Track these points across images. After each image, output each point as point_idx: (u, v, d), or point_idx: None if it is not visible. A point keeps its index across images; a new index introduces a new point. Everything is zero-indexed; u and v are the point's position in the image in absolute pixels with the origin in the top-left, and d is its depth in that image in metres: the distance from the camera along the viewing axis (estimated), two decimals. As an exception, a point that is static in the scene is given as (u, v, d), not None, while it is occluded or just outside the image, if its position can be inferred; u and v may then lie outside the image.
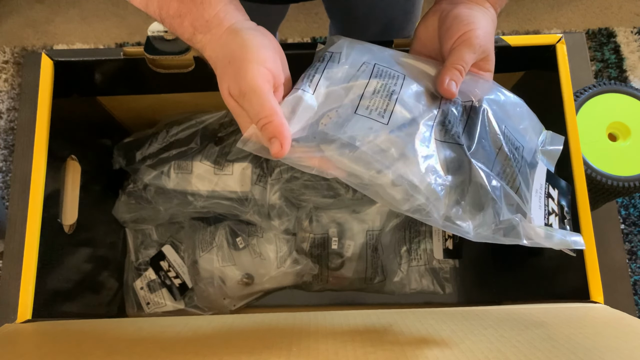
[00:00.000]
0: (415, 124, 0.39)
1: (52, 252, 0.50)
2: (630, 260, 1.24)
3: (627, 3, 1.52)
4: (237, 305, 0.63)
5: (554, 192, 0.43)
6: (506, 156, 0.40)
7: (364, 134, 0.37)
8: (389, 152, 0.37)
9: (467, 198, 0.38)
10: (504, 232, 0.38)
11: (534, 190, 0.42)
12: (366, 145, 0.37)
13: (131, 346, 0.34)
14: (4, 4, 1.56)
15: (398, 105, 0.39)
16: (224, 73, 0.37)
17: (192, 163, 0.62)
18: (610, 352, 0.31)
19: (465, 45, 0.41)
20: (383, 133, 0.38)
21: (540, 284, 0.55)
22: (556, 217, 0.42)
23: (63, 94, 0.52)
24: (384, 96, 0.39)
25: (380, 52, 0.43)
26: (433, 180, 0.37)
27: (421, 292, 0.65)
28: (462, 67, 0.40)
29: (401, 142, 0.38)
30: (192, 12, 0.37)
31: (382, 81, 0.40)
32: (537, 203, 0.41)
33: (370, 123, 0.38)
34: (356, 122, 0.38)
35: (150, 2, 0.38)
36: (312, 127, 0.38)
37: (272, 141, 0.34)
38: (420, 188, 0.37)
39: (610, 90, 0.71)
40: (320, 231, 0.62)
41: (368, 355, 0.31)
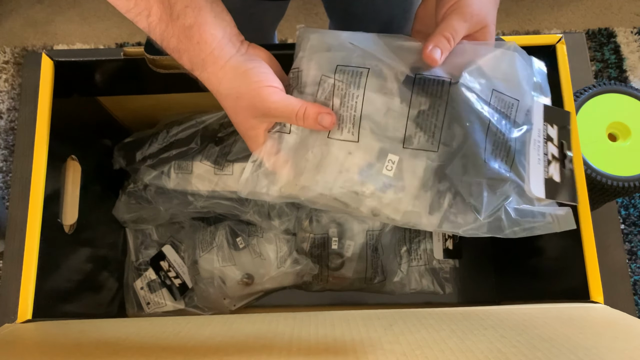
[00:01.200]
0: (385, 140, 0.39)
1: (52, 252, 0.50)
2: (630, 260, 1.24)
3: (627, 3, 1.52)
4: (237, 305, 0.63)
5: (553, 131, 0.40)
6: (496, 129, 0.38)
7: (334, 178, 0.39)
8: (362, 194, 0.39)
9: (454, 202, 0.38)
10: (487, 228, 0.38)
11: (532, 143, 0.40)
12: (339, 190, 0.39)
13: (131, 346, 0.34)
14: (4, 4, 1.56)
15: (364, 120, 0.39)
16: (237, 107, 0.40)
17: (192, 163, 0.62)
18: (610, 352, 0.31)
19: (455, 12, 0.39)
20: (352, 170, 0.39)
21: (540, 284, 0.55)
22: (557, 164, 0.40)
23: (63, 94, 0.52)
24: (350, 107, 0.40)
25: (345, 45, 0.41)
26: (410, 207, 0.38)
27: (421, 292, 0.65)
28: (450, 35, 0.39)
29: (373, 176, 0.39)
30: (189, 50, 0.39)
31: (344, 89, 0.39)
32: (536, 157, 0.40)
33: (341, 150, 0.39)
34: (329, 156, 0.40)
35: (152, 32, 0.39)
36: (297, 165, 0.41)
37: (320, 118, 0.39)
38: (397, 220, 0.39)
39: (610, 91, 0.71)
40: (320, 231, 0.62)
41: (368, 356, 0.31)
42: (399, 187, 0.39)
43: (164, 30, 0.39)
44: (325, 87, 0.40)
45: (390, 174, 0.39)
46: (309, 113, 0.39)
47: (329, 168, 0.40)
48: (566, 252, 0.48)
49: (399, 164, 0.39)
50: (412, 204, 0.39)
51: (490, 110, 0.38)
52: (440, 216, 0.39)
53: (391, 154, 0.39)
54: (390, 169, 0.39)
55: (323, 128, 0.39)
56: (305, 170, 0.40)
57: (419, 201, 0.39)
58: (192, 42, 0.39)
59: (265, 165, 0.42)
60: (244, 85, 0.39)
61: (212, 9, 0.40)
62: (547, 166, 0.40)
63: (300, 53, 0.43)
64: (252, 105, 0.39)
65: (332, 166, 0.40)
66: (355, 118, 0.39)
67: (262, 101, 0.39)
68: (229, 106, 0.41)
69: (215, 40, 0.39)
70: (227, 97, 0.40)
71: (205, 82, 0.41)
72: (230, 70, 0.40)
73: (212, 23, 0.39)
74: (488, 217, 0.38)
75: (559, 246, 0.51)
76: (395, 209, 0.39)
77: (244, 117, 0.41)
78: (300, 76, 0.42)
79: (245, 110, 0.40)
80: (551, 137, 0.40)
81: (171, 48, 0.40)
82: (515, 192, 0.38)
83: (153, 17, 0.38)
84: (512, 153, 0.39)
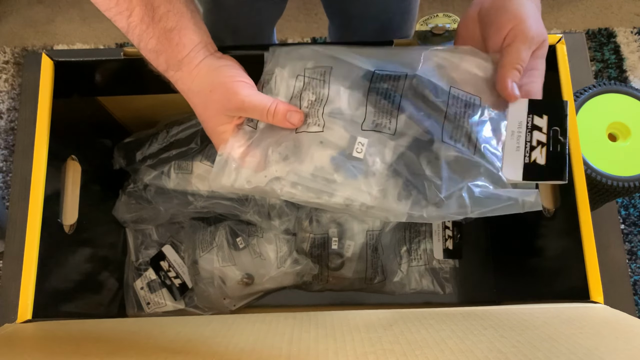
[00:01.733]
0: (348, 122, 0.41)
1: (53, 252, 0.50)
2: (630, 260, 1.24)
3: (627, 3, 1.52)
4: (237, 305, 0.63)
5: (542, 120, 0.41)
6: (453, 118, 0.41)
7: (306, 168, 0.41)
8: (334, 181, 0.41)
9: (414, 189, 0.40)
10: (452, 209, 0.40)
11: (509, 133, 0.41)
12: (311, 180, 0.41)
13: (131, 346, 0.34)
14: (4, 4, 1.56)
15: (330, 111, 0.41)
16: (209, 101, 0.42)
17: (192, 163, 0.62)
18: (610, 352, 0.31)
19: (519, 40, 0.39)
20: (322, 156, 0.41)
21: (540, 284, 0.55)
22: (543, 149, 0.41)
23: (63, 94, 0.52)
24: (317, 104, 0.42)
25: (309, 53, 0.45)
26: (385, 196, 0.40)
27: (421, 292, 0.65)
28: (520, 66, 0.40)
29: (344, 162, 0.40)
30: (167, 51, 0.41)
31: (311, 88, 0.42)
32: (514, 145, 0.41)
33: (310, 139, 0.41)
34: (301, 147, 0.41)
35: (130, 32, 0.41)
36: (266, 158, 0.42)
37: (288, 116, 0.40)
38: (370, 206, 0.40)
39: (610, 91, 0.71)
40: (320, 231, 0.62)
41: (368, 355, 0.31)
42: (369, 172, 0.41)
43: (144, 31, 0.40)
44: (296, 86, 0.43)
45: (361, 156, 0.41)
46: (279, 110, 0.40)
47: (300, 157, 0.41)
48: (566, 252, 0.48)
49: (368, 147, 0.41)
50: (382, 190, 0.41)
51: (447, 102, 0.41)
52: (409, 203, 0.41)
53: (360, 137, 0.41)
54: (360, 151, 0.41)
55: (291, 125, 0.41)
56: (275, 162, 0.42)
57: (389, 186, 0.41)
58: (171, 44, 0.41)
59: (234, 157, 0.42)
60: (217, 80, 0.41)
61: (192, 16, 0.42)
62: (530, 152, 0.41)
63: (273, 61, 0.45)
64: (225, 98, 0.41)
65: (303, 156, 0.41)
66: (322, 112, 0.42)
67: (235, 94, 0.40)
68: (199, 102, 0.42)
69: (193, 43, 0.41)
70: (199, 92, 0.42)
71: (178, 81, 0.43)
72: (204, 67, 0.42)
73: (191, 29, 0.41)
74: (449, 197, 0.39)
75: (559, 246, 0.51)
76: (367, 195, 0.41)
77: (214, 111, 0.42)
78: (274, 79, 0.44)
79: (217, 103, 0.41)
80: (538, 127, 0.41)
81: (149, 49, 0.41)
82: (486, 177, 0.40)
83: (134, 18, 0.40)
84: (474, 140, 0.41)
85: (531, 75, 0.42)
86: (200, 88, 0.42)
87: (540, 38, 0.41)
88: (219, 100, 0.41)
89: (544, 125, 0.41)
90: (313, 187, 0.41)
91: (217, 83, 0.41)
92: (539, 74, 0.42)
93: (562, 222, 0.50)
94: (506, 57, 0.40)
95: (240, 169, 0.42)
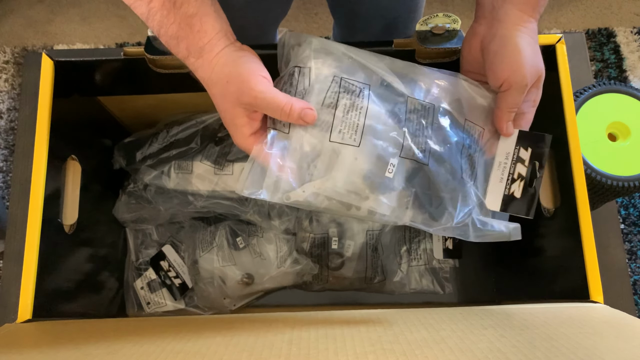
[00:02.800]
0: (385, 144, 0.42)
1: (53, 252, 0.50)
2: (630, 260, 1.24)
3: (627, 3, 1.52)
4: (237, 305, 0.63)
5: (526, 153, 0.46)
6: (468, 152, 0.45)
7: (342, 183, 0.42)
8: (366, 197, 0.42)
9: (429, 206, 0.43)
10: (456, 232, 0.43)
11: (497, 164, 0.46)
12: (344, 194, 0.42)
13: (131, 346, 0.34)
14: (4, 4, 1.56)
15: (366, 128, 0.42)
16: (226, 92, 0.41)
17: (192, 163, 0.62)
18: (610, 352, 0.31)
19: (515, 89, 0.42)
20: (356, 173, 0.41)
21: (540, 284, 0.55)
22: (521, 182, 0.45)
23: (63, 94, 0.52)
24: (354, 116, 0.42)
25: (345, 57, 0.44)
26: (400, 206, 0.43)
27: (421, 292, 0.65)
28: (515, 108, 0.44)
29: (376, 179, 0.42)
30: (188, 38, 0.41)
31: (350, 98, 0.42)
32: (499, 176, 0.46)
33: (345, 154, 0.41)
34: (338, 161, 0.41)
35: (150, 18, 0.41)
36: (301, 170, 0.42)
37: (302, 114, 0.40)
38: (389, 216, 0.43)
39: (610, 90, 0.71)
40: (320, 231, 0.62)
41: (368, 355, 0.31)
42: (392, 187, 0.42)
43: (165, 17, 0.40)
44: (334, 90, 0.42)
45: (391, 176, 0.42)
46: (294, 109, 0.40)
47: (336, 173, 0.41)
48: (566, 252, 0.48)
49: (399, 167, 0.42)
50: (397, 201, 0.43)
51: (464, 135, 0.45)
52: (419, 217, 0.44)
53: (392, 158, 0.42)
54: (391, 172, 0.42)
55: (305, 124, 0.41)
56: (312, 177, 0.42)
57: (404, 198, 0.43)
58: (192, 30, 0.40)
59: (272, 169, 0.41)
60: (234, 71, 0.41)
61: (213, 3, 0.42)
62: (510, 184, 0.45)
63: (307, 52, 0.44)
64: (240, 90, 0.40)
65: (339, 171, 0.41)
66: (359, 126, 0.42)
67: (249, 88, 0.40)
68: (217, 92, 0.42)
69: (214, 30, 0.41)
70: (217, 82, 0.42)
71: (199, 69, 0.42)
72: (223, 56, 0.41)
73: (212, 15, 0.41)
74: (458, 223, 0.43)
75: (559, 246, 0.51)
76: (387, 207, 0.43)
77: (231, 103, 0.41)
78: (309, 74, 0.43)
79: (232, 95, 0.41)
80: (522, 159, 0.46)
81: (169, 35, 0.41)
82: (477, 205, 0.44)
83: (155, 3, 0.40)
84: (475, 172, 0.45)
85: (527, 107, 0.45)
86: (218, 78, 0.41)
87: (535, 77, 0.43)
88: (234, 92, 0.41)
89: (527, 158, 0.45)
90: (346, 201, 0.42)
91: (234, 74, 0.41)
92: (534, 104, 0.45)
93: (562, 222, 0.50)
94: (503, 101, 0.43)
95: (279, 183, 0.41)
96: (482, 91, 0.46)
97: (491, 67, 0.43)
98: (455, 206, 0.43)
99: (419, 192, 0.43)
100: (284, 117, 0.40)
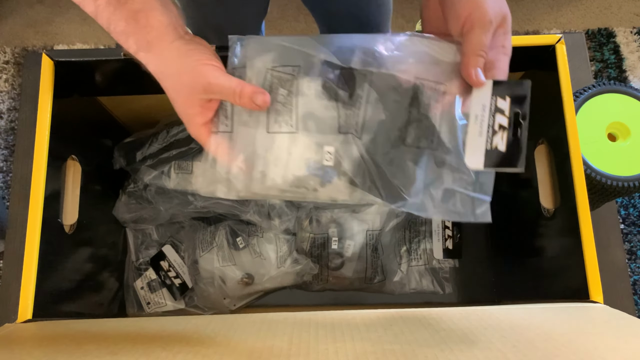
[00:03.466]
0: (319, 133, 0.41)
1: (53, 252, 0.50)
2: (630, 260, 1.24)
3: (626, 3, 1.52)
4: (237, 305, 0.63)
5: (505, 102, 0.41)
6: (418, 116, 0.41)
7: (288, 179, 0.41)
8: (314, 189, 0.41)
9: (379, 182, 0.41)
10: (414, 207, 0.40)
11: (473, 118, 0.41)
12: (295, 190, 0.42)
13: (131, 346, 0.34)
14: (4, 4, 1.56)
15: (301, 114, 0.42)
16: (179, 84, 0.42)
17: (192, 163, 0.62)
18: (610, 352, 0.31)
19: (478, 27, 0.39)
20: (299, 166, 0.41)
21: (540, 284, 0.55)
22: (504, 133, 0.40)
23: (63, 94, 0.52)
24: (289, 103, 0.42)
25: (280, 47, 0.44)
26: (351, 189, 0.41)
27: (421, 292, 0.65)
28: (482, 52, 0.40)
29: (315, 170, 0.41)
30: (136, 33, 0.41)
31: (284, 86, 0.42)
32: (477, 130, 0.41)
33: (286, 145, 0.42)
34: (278, 155, 0.42)
35: (99, 15, 0.41)
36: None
37: (254, 98, 0.40)
38: (349, 200, 0.42)
39: (609, 91, 0.71)
40: (320, 231, 0.62)
41: (368, 355, 0.31)
42: (341, 172, 0.41)
43: (112, 13, 0.41)
44: (268, 80, 0.43)
45: (331, 164, 0.41)
46: (246, 91, 0.40)
47: (280, 167, 0.42)
48: (566, 251, 0.48)
49: (336, 153, 0.41)
50: (351, 186, 0.42)
51: (413, 97, 0.41)
52: (371, 191, 0.42)
53: (327, 146, 0.41)
54: (329, 159, 0.41)
55: (257, 107, 0.41)
56: (260, 174, 0.42)
57: (359, 181, 0.42)
58: (139, 25, 0.41)
59: (221, 164, 0.43)
60: (186, 62, 0.41)
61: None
62: (492, 137, 0.41)
63: (242, 54, 0.45)
64: (194, 80, 0.41)
65: (283, 166, 0.42)
66: (294, 113, 0.42)
67: (203, 76, 0.41)
68: (170, 85, 0.43)
69: (162, 25, 0.41)
70: (169, 75, 0.42)
71: (149, 64, 0.43)
72: (174, 49, 0.42)
73: (159, 10, 0.41)
74: (415, 196, 0.40)
75: (558, 246, 0.51)
76: (343, 193, 0.42)
77: (184, 94, 0.42)
78: (245, 73, 0.44)
79: (186, 87, 0.42)
80: (501, 109, 0.41)
81: (118, 31, 0.42)
82: (448, 169, 0.41)
83: (101, 1, 0.40)
84: (437, 135, 0.41)
85: (496, 53, 0.41)
86: (170, 71, 0.42)
87: (499, 17, 0.40)
88: (187, 83, 0.41)
89: (506, 108, 0.41)
90: (299, 193, 0.42)
91: (186, 66, 0.41)
92: (505, 51, 0.41)
93: (562, 222, 0.50)
94: (467, 45, 0.40)
95: (231, 181, 0.42)
96: (442, 44, 0.43)
97: (451, 11, 0.41)
98: (407, 180, 0.40)
99: (367, 171, 0.41)
100: (236, 100, 0.41)
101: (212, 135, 0.43)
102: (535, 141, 0.54)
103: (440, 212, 0.41)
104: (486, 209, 0.41)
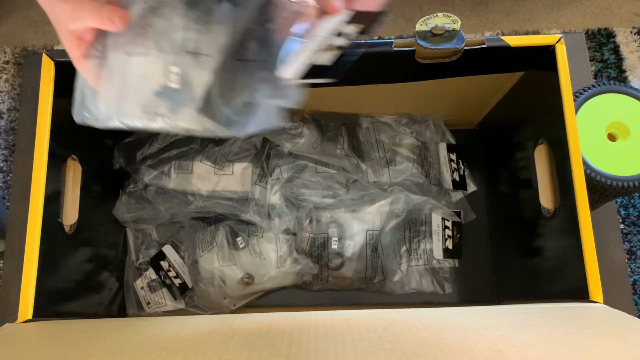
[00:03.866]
0: (164, 52, 0.39)
1: (53, 252, 0.50)
2: (630, 260, 1.25)
3: (626, 3, 1.52)
4: (237, 305, 0.63)
5: (353, 28, 0.39)
6: (261, 33, 0.40)
7: (139, 106, 0.39)
8: (164, 115, 0.39)
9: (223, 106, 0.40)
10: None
11: (314, 38, 0.39)
12: (147, 117, 0.39)
13: (131, 346, 0.34)
14: (4, 4, 1.56)
15: (153, 34, 0.39)
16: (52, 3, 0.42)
17: (192, 163, 0.62)
18: (610, 352, 0.31)
19: None
20: (146, 90, 0.39)
21: (540, 284, 0.55)
22: (337, 51, 0.40)
23: (64, 94, 0.52)
24: (145, 23, 0.39)
25: None
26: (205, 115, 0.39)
27: (421, 292, 0.65)
28: None
29: (163, 94, 0.39)
30: None
31: (138, 4, 0.40)
32: (307, 47, 0.40)
33: (139, 67, 0.39)
34: (129, 73, 0.40)
35: None
36: None
37: (112, 16, 0.39)
38: (214, 131, 0.39)
39: (609, 91, 0.72)
40: (320, 231, 0.62)
41: (368, 355, 0.31)
42: (190, 97, 0.39)
43: None
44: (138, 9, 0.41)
45: (177, 86, 0.39)
46: (106, 8, 0.39)
47: (133, 93, 0.40)
48: (566, 251, 0.48)
49: (184, 74, 0.39)
50: (200, 115, 0.40)
51: (263, 10, 0.39)
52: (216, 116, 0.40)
53: (173, 67, 0.39)
54: (174, 81, 0.39)
55: (114, 26, 0.39)
56: (119, 91, 0.41)
57: (204, 107, 0.40)
58: None
59: (88, 82, 0.42)
60: None
61: None
62: (322, 53, 0.40)
63: None
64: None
65: (134, 91, 0.40)
66: (146, 30, 0.40)
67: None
68: (46, 3, 0.43)
69: None
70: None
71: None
72: None
73: None
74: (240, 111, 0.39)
75: (558, 246, 0.51)
76: (195, 122, 0.40)
77: (57, 13, 0.42)
78: None
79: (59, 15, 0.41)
80: (346, 33, 0.40)
81: None
82: (267, 82, 0.40)
83: None
84: (271, 49, 0.40)
85: None
86: None
87: None
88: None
89: (352, 32, 0.39)
90: (153, 121, 0.40)
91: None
92: None
93: (562, 222, 0.50)
94: None
95: (97, 103, 0.41)
96: None
97: None
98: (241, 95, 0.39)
99: (215, 95, 0.40)
100: (97, 16, 0.40)
101: (85, 61, 0.42)
102: (535, 141, 0.54)
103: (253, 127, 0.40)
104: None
